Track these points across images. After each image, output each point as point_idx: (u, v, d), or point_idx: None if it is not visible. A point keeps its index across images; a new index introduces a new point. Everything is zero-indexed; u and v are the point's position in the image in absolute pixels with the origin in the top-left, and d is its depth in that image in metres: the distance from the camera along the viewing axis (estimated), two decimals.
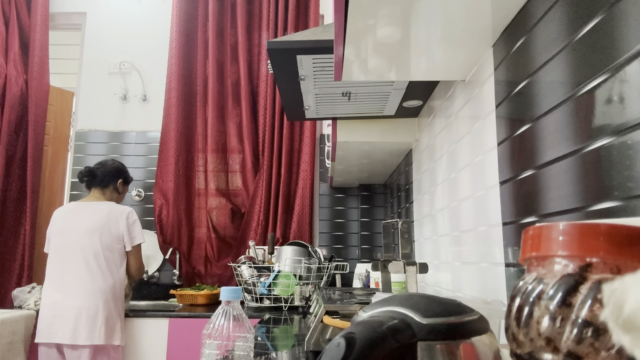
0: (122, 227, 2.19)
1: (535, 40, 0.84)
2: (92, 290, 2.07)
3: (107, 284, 2.10)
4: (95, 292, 2.07)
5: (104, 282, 2.10)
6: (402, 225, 1.16)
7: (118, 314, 2.14)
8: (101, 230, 2.15)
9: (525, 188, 0.88)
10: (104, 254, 2.13)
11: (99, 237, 2.14)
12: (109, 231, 2.16)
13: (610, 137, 0.62)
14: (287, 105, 1.79)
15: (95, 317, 2.04)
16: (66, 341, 1.99)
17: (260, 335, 1.50)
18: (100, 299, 2.07)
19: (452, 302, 0.45)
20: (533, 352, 0.38)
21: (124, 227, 2.19)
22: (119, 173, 2.36)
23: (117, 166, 2.37)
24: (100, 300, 2.07)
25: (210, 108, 3.07)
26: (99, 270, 2.10)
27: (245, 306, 2.39)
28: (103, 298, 2.08)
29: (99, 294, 2.08)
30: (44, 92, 3.09)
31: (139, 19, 3.29)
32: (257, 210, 3.00)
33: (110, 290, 2.11)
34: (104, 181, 2.31)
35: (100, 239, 2.13)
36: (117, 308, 2.14)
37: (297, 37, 1.33)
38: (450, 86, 1.41)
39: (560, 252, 0.38)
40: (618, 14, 0.60)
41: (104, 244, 2.13)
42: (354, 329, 0.40)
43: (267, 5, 3.12)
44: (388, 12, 0.91)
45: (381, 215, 3.11)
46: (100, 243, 2.13)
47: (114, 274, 2.14)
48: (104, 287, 2.09)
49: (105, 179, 2.31)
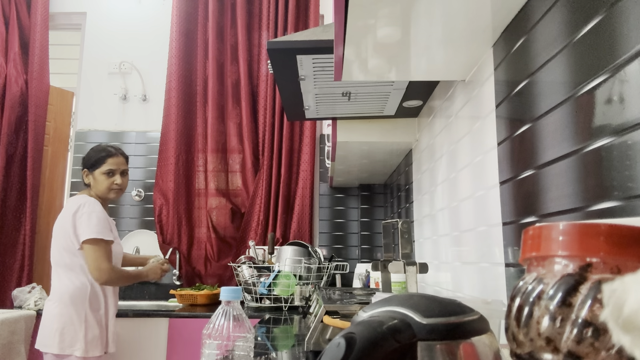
0: (68, 223, 1.88)
1: (535, 40, 0.84)
2: (53, 295, 1.89)
3: (65, 288, 1.87)
4: (54, 297, 1.88)
5: (62, 287, 1.87)
6: (402, 225, 1.16)
7: (82, 322, 1.85)
8: (57, 231, 1.93)
9: (525, 188, 0.88)
10: (63, 256, 1.89)
11: (57, 238, 1.92)
12: (63, 230, 1.90)
13: (610, 137, 0.62)
14: (287, 105, 1.79)
15: (50, 324, 1.84)
16: (35, 346, 1.90)
17: (260, 335, 1.50)
18: (58, 305, 1.86)
19: (452, 302, 0.45)
20: (533, 352, 0.38)
21: (69, 223, 1.87)
22: (82, 162, 2.04)
23: (85, 155, 2.06)
24: (58, 306, 1.85)
25: (210, 108, 3.07)
26: (57, 274, 1.91)
27: (245, 306, 2.39)
28: (61, 304, 1.85)
29: (57, 299, 1.87)
30: (44, 92, 3.09)
31: (139, 19, 3.29)
32: (257, 210, 3.00)
33: (68, 295, 1.86)
34: (82, 174, 2.06)
35: (57, 240, 1.92)
36: (80, 315, 1.86)
37: (297, 37, 1.33)
38: (450, 86, 1.41)
39: (560, 252, 0.38)
40: (618, 14, 0.60)
41: (62, 245, 1.90)
42: (354, 329, 0.40)
43: (267, 5, 3.12)
44: (388, 12, 0.91)
45: (381, 215, 3.11)
46: (59, 244, 1.91)
47: (77, 278, 1.88)
48: (62, 291, 1.87)
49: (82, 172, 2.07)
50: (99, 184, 1.98)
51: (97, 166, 1.98)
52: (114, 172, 1.99)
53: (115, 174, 1.99)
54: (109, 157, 1.99)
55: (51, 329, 1.83)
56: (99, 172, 1.98)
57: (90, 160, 1.99)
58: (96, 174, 1.98)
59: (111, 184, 1.98)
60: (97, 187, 1.98)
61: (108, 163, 1.98)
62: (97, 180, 1.98)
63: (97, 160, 1.98)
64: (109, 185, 1.98)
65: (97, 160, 1.98)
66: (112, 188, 1.99)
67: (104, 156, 1.99)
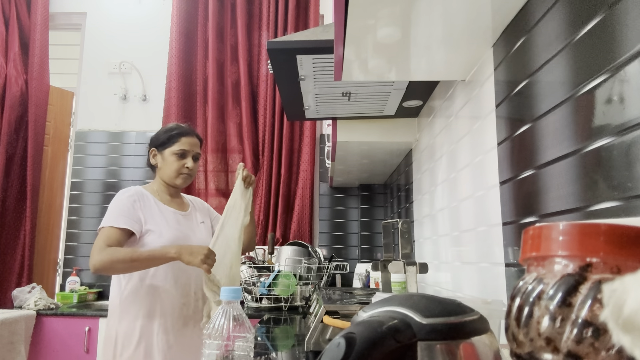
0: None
1: (535, 40, 0.84)
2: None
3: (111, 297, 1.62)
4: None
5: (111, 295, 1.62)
6: (402, 225, 1.16)
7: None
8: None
9: (525, 188, 0.88)
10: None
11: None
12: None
13: (610, 137, 0.62)
14: (287, 105, 1.79)
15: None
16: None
17: (260, 335, 1.50)
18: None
19: (452, 302, 0.45)
20: (533, 352, 0.38)
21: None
22: (151, 140, 1.72)
23: (152, 135, 1.74)
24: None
25: (210, 108, 3.07)
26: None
27: (245, 306, 2.38)
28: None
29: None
30: (44, 92, 3.09)
31: (139, 19, 3.29)
32: (257, 210, 3.00)
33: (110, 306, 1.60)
34: (149, 164, 1.73)
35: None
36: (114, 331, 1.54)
37: (297, 37, 1.33)
38: (450, 86, 1.41)
39: (560, 252, 0.38)
40: (618, 14, 0.60)
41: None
42: (354, 329, 0.40)
43: (267, 5, 3.12)
44: (388, 12, 0.91)
45: (381, 215, 3.11)
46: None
47: (118, 284, 1.59)
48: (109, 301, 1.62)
49: (148, 160, 1.73)
50: (167, 166, 1.65)
51: (168, 144, 1.65)
52: (186, 153, 1.66)
53: (187, 156, 1.66)
54: (182, 136, 1.66)
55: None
56: (170, 152, 1.65)
57: (160, 138, 1.68)
58: (166, 153, 1.65)
59: (181, 167, 1.65)
60: (164, 170, 1.66)
61: (181, 142, 1.65)
62: (166, 161, 1.66)
63: (169, 138, 1.66)
64: (179, 169, 1.65)
65: (169, 138, 1.66)
66: (182, 172, 1.65)
67: (176, 134, 1.66)
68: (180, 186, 1.70)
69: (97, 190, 3.11)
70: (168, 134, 1.67)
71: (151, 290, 1.55)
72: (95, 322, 2.43)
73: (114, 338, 1.53)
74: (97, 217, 3.07)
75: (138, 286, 1.54)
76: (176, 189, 1.72)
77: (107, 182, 3.12)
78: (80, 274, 2.96)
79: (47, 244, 3.07)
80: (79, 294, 2.77)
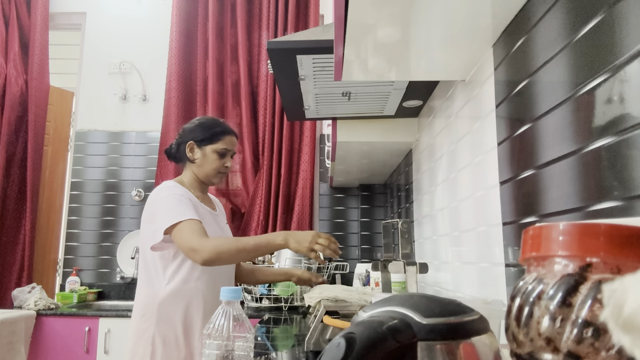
0: (147, 211, 1.53)
1: (535, 40, 0.84)
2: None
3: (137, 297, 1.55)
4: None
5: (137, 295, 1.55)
6: (402, 225, 1.16)
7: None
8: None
9: (526, 188, 0.88)
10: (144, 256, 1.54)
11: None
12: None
13: (610, 137, 0.62)
14: (287, 105, 1.79)
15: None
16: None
17: (260, 335, 1.50)
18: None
19: (452, 302, 0.45)
20: (533, 352, 0.38)
21: (147, 211, 1.52)
22: (187, 132, 1.62)
23: (190, 126, 1.65)
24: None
25: (210, 108, 3.07)
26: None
27: (245, 306, 2.38)
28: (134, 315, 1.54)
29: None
30: (44, 92, 3.09)
31: (139, 19, 3.29)
32: (257, 210, 3.00)
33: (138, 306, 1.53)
34: (178, 154, 1.65)
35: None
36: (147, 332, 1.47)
37: (297, 37, 1.33)
38: (450, 86, 1.41)
39: (560, 252, 0.38)
40: (618, 14, 0.60)
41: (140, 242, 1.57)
42: (354, 329, 0.40)
43: (267, 5, 3.12)
44: (388, 12, 0.91)
45: (381, 215, 3.11)
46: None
47: (153, 285, 1.50)
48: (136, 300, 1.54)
49: (179, 151, 1.63)
50: (207, 163, 1.58)
51: (211, 141, 1.58)
52: (226, 152, 1.61)
53: (226, 156, 1.61)
54: (226, 134, 1.61)
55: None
56: (212, 149, 1.58)
57: (203, 133, 1.59)
58: (207, 150, 1.58)
59: (221, 166, 1.59)
60: (203, 166, 1.59)
61: (225, 141, 1.60)
62: (207, 157, 1.58)
63: (213, 135, 1.59)
64: (218, 167, 1.59)
65: (213, 135, 1.59)
66: (221, 171, 1.60)
67: (220, 131, 1.60)
68: (215, 184, 1.66)
69: (97, 190, 3.11)
70: (211, 130, 1.59)
71: (194, 293, 1.48)
72: (95, 322, 2.43)
73: (151, 342, 1.44)
74: (97, 217, 3.07)
75: (180, 288, 1.47)
76: (206, 186, 1.66)
77: (107, 182, 3.12)
78: (80, 274, 2.96)
79: (47, 244, 3.07)
80: (79, 294, 2.77)
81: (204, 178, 1.61)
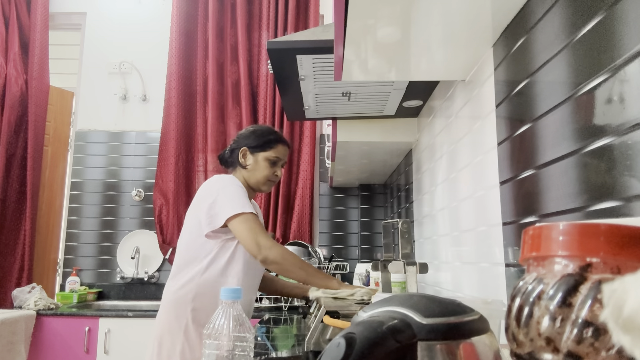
0: (204, 204, 1.53)
1: (535, 40, 0.84)
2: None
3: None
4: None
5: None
6: (402, 225, 1.16)
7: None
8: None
9: (525, 188, 0.88)
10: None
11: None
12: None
13: (610, 137, 0.62)
14: (287, 105, 1.79)
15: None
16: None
17: (260, 335, 1.50)
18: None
19: (452, 302, 0.45)
20: (533, 352, 0.38)
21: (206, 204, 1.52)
22: (242, 138, 1.66)
23: (245, 132, 1.68)
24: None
25: (210, 108, 3.07)
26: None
27: None
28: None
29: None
30: (44, 92, 3.09)
31: (139, 19, 3.29)
32: None
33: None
34: (231, 159, 1.67)
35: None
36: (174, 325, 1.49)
37: (297, 37, 1.33)
38: (450, 86, 1.41)
39: (560, 252, 0.38)
40: (618, 14, 0.60)
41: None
42: (354, 329, 0.40)
43: (267, 5, 3.12)
44: (388, 12, 0.91)
45: (381, 215, 3.11)
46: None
47: (191, 271, 1.52)
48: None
49: (232, 156, 1.66)
50: (259, 170, 1.61)
51: (264, 149, 1.61)
52: (278, 161, 1.64)
53: (278, 164, 1.64)
54: (279, 143, 1.64)
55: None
56: (264, 157, 1.61)
57: (257, 140, 1.62)
58: (259, 157, 1.61)
59: (271, 174, 1.62)
60: (254, 173, 1.61)
61: (277, 150, 1.63)
62: (258, 164, 1.61)
63: (267, 142, 1.62)
64: (269, 175, 1.61)
65: (267, 142, 1.62)
66: (271, 179, 1.63)
67: (274, 139, 1.63)
68: (263, 192, 1.69)
69: (97, 190, 3.11)
70: (265, 137, 1.63)
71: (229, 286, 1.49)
72: (95, 322, 2.43)
73: (185, 324, 1.46)
74: (97, 217, 3.07)
75: (217, 280, 1.48)
76: (254, 193, 1.68)
77: (107, 182, 3.12)
78: (80, 274, 2.96)
79: (47, 244, 3.07)
80: (79, 294, 2.77)
81: (254, 184, 1.63)
